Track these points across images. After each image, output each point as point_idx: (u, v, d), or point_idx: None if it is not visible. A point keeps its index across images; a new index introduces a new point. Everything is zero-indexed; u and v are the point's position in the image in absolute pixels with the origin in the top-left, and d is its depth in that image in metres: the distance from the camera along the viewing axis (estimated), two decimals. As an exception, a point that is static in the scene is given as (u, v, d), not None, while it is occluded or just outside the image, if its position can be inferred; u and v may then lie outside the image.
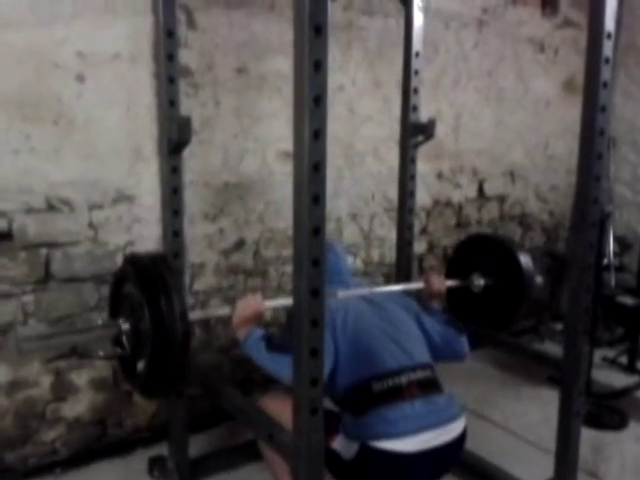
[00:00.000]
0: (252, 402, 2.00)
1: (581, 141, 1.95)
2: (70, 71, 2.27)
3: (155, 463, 2.41)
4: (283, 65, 2.70)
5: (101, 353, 1.90)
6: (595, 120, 1.89)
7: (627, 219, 4.17)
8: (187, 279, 2.60)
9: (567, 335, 2.08)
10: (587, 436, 2.45)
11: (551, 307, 4.32)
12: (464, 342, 2.18)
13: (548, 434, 2.24)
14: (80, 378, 2.47)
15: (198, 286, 2.72)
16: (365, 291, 2.20)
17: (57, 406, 2.44)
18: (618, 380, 3.35)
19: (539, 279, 2.32)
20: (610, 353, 3.60)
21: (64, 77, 2.26)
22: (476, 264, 2.40)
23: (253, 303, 1.92)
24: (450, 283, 2.37)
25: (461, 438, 1.91)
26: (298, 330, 1.41)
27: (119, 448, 2.58)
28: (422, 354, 2.03)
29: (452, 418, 1.90)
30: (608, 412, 2.98)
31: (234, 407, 2.01)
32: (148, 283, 1.58)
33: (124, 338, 1.67)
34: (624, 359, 3.52)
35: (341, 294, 2.04)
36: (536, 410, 3.01)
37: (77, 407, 2.49)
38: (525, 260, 2.28)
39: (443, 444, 1.84)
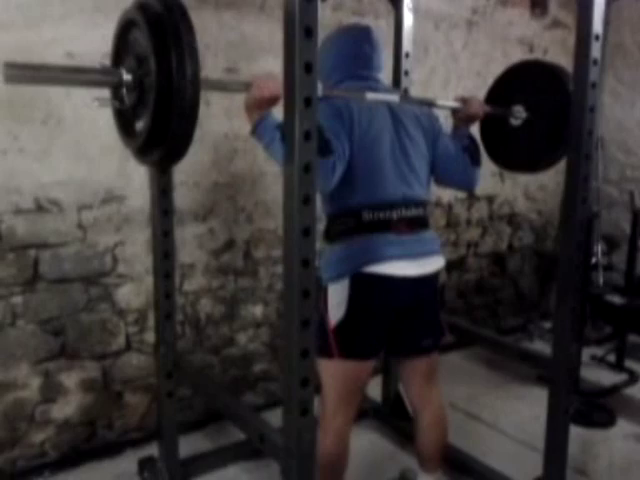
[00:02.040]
0: (241, 402, 2.00)
1: (570, 141, 1.96)
2: (59, 71, 2.25)
3: (145, 464, 2.40)
4: (273, 65, 2.68)
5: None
6: (583, 121, 1.91)
7: (615, 218, 4.20)
8: (177, 279, 2.59)
9: (556, 334, 2.10)
10: (576, 434, 2.47)
11: (540, 306, 4.36)
12: (474, 172, 2.12)
13: (537, 432, 2.26)
14: (69, 379, 2.46)
15: (188, 287, 2.71)
16: (395, 97, 1.98)
17: (46, 408, 2.43)
18: (606, 378, 3.38)
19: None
20: (598, 351, 3.62)
21: (53, 77, 2.25)
22: (520, 96, 2.20)
23: (272, 85, 1.70)
24: (489, 109, 2.20)
25: (438, 274, 2.01)
26: (288, 333, 1.41)
27: (109, 449, 2.58)
28: (421, 189, 2.01)
29: (434, 251, 2.00)
30: (597, 410, 3.00)
31: (223, 407, 2.01)
32: (158, 32, 1.40)
33: (124, 91, 1.52)
34: (612, 357, 3.54)
35: (370, 96, 1.83)
36: (525, 409, 3.03)
37: (66, 409, 2.48)
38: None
39: (422, 275, 1.94)
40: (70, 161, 2.33)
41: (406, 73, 2.61)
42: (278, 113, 1.66)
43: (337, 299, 1.91)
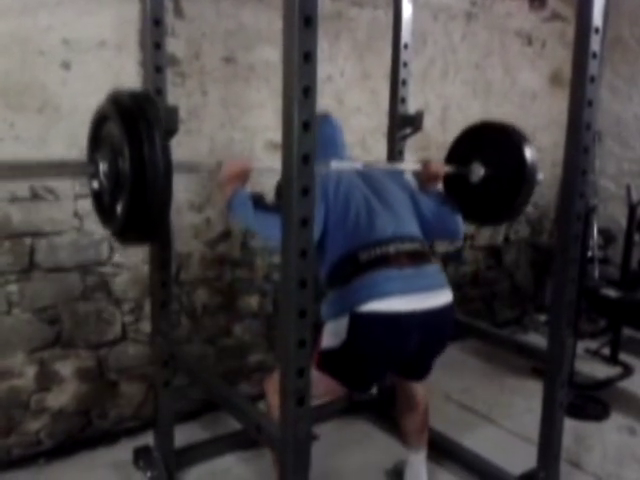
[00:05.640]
0: (237, 392, 2.01)
1: (567, 135, 1.96)
2: (55, 58, 2.24)
3: (140, 453, 2.40)
4: (271, 55, 2.68)
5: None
6: (582, 114, 1.90)
7: (611, 212, 4.21)
8: (173, 269, 2.59)
9: (551, 327, 2.10)
10: (570, 426, 2.49)
11: (535, 298, 4.37)
12: (458, 220, 2.16)
13: (531, 424, 2.27)
14: (65, 368, 2.46)
15: (184, 276, 2.71)
16: (359, 164, 2.10)
17: (41, 396, 2.43)
18: (601, 371, 3.40)
19: (541, 176, 2.20)
20: (593, 345, 3.64)
21: (49, 64, 2.23)
22: (477, 154, 2.30)
23: (240, 162, 1.89)
24: (448, 169, 2.29)
25: (450, 309, 1.92)
26: (285, 323, 1.41)
27: (104, 438, 2.58)
28: (412, 227, 2.01)
29: (440, 285, 1.91)
30: (591, 403, 3.02)
31: (220, 397, 2.02)
32: (130, 123, 1.50)
33: (102, 178, 1.62)
34: (607, 350, 3.56)
35: (334, 164, 1.95)
36: (520, 401, 3.05)
37: (61, 397, 2.48)
38: (530, 153, 2.19)
39: (432, 309, 1.84)
40: (66, 149, 2.32)
41: (405, 64, 2.60)
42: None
43: (334, 331, 1.84)
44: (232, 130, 2.72)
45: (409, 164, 2.32)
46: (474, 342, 3.60)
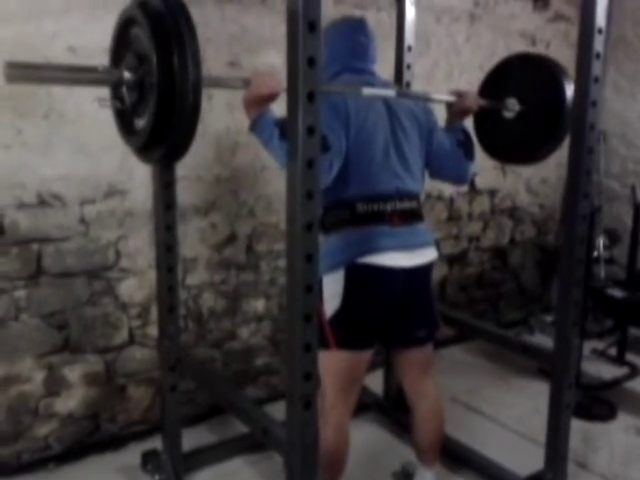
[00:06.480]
0: (244, 395, 2.01)
1: (572, 135, 1.96)
2: (61, 65, 2.25)
3: (149, 457, 2.41)
4: (275, 59, 2.69)
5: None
6: (586, 115, 1.91)
7: (616, 212, 4.20)
8: (179, 273, 2.60)
9: (558, 328, 2.10)
10: (577, 427, 2.48)
11: (541, 299, 4.36)
12: (468, 167, 2.13)
13: (538, 425, 2.27)
14: (73, 373, 2.47)
15: (190, 281, 2.72)
16: (391, 92, 1.98)
17: (50, 401, 2.44)
18: (607, 372, 3.39)
19: None
20: (599, 345, 3.63)
21: (55, 71, 2.24)
22: (513, 89, 2.20)
23: (271, 82, 1.71)
24: (483, 102, 2.21)
25: (431, 266, 2.04)
26: (291, 327, 1.42)
27: (112, 443, 2.59)
28: (416, 183, 2.03)
29: (428, 243, 2.02)
30: (597, 403, 3.01)
31: (226, 401, 2.03)
32: (160, 31, 1.38)
33: (124, 89, 1.51)
34: (613, 351, 3.55)
35: (367, 91, 1.85)
36: (526, 402, 3.04)
37: (70, 402, 2.49)
38: (572, 91, 2.08)
39: (418, 265, 1.96)
40: (72, 155, 2.33)
41: (408, 67, 2.61)
42: (278, 108, 1.67)
43: (332, 291, 1.91)
44: (237, 134, 2.72)
45: (443, 95, 2.21)
46: (480, 343, 3.60)
